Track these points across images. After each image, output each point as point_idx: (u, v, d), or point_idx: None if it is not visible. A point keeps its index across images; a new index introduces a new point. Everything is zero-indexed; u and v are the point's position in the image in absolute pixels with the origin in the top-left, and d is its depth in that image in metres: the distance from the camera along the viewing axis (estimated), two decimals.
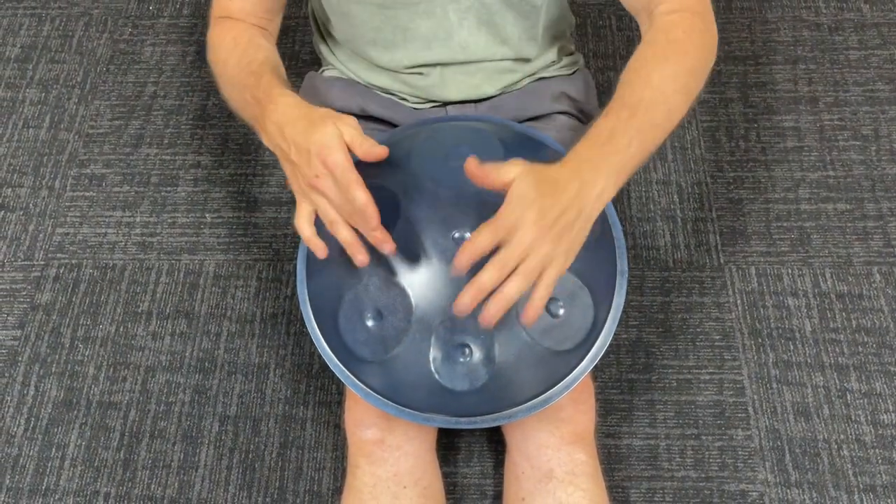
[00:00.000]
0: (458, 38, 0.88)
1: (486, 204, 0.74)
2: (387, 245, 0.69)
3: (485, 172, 0.61)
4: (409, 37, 0.88)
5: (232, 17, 0.88)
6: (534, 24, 0.91)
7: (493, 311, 0.60)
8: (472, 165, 0.62)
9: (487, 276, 0.60)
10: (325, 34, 0.98)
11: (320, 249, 0.73)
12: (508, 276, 0.60)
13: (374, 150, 0.70)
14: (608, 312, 0.76)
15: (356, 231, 0.71)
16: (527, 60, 0.94)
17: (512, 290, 0.60)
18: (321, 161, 0.68)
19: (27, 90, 1.38)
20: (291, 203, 1.25)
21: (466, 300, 0.60)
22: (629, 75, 0.72)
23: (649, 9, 0.78)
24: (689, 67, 0.74)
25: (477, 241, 0.60)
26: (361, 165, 0.84)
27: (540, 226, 0.60)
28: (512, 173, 0.61)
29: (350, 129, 0.70)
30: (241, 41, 0.84)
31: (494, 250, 0.61)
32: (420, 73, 0.91)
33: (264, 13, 0.89)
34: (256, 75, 0.77)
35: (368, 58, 0.92)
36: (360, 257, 0.70)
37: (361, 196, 0.66)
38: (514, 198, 0.60)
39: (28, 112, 1.36)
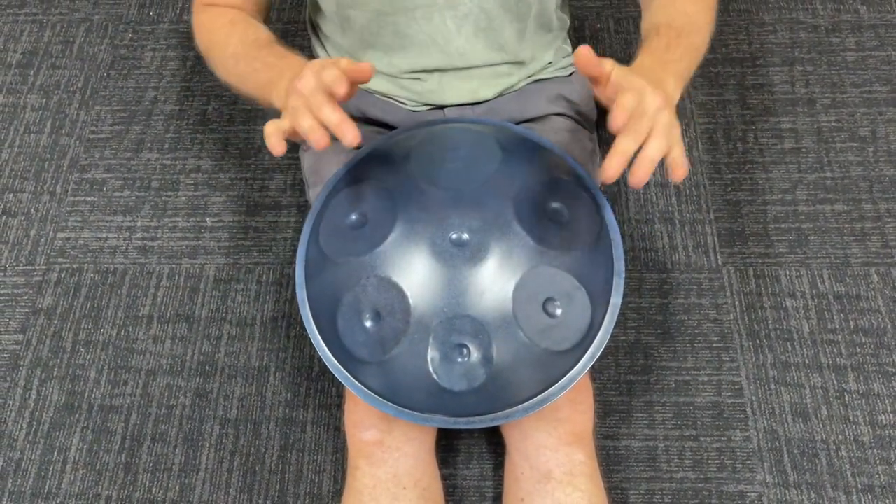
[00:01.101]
0: (455, 44, 0.88)
1: (484, 205, 0.75)
2: (349, 133, 0.63)
3: (594, 60, 0.64)
4: (406, 43, 0.89)
5: (218, 5, 0.88)
6: (531, 28, 0.91)
7: (640, 174, 0.62)
8: (584, 50, 0.63)
9: (628, 141, 0.62)
10: (323, 38, 0.99)
11: (277, 147, 0.67)
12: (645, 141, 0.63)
13: (360, 65, 0.66)
14: (605, 313, 0.77)
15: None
16: (524, 64, 0.94)
17: (654, 149, 0.62)
18: (306, 69, 0.67)
19: (28, 96, 1.39)
20: (291, 207, 1.26)
21: (614, 166, 0.61)
22: (664, 8, 0.79)
23: None
24: (712, 4, 0.82)
25: (624, 102, 0.62)
26: (360, 167, 0.85)
27: (659, 95, 0.64)
28: (609, 65, 0.65)
29: (334, 68, 0.66)
30: (238, 22, 0.86)
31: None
32: (418, 79, 0.92)
33: (252, 5, 0.89)
34: (267, 47, 0.81)
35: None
36: (350, 135, 0.63)
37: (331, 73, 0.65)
38: (627, 77, 0.64)
39: (29, 117, 1.37)
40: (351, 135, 0.63)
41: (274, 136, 0.66)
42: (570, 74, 1.00)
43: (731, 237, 1.20)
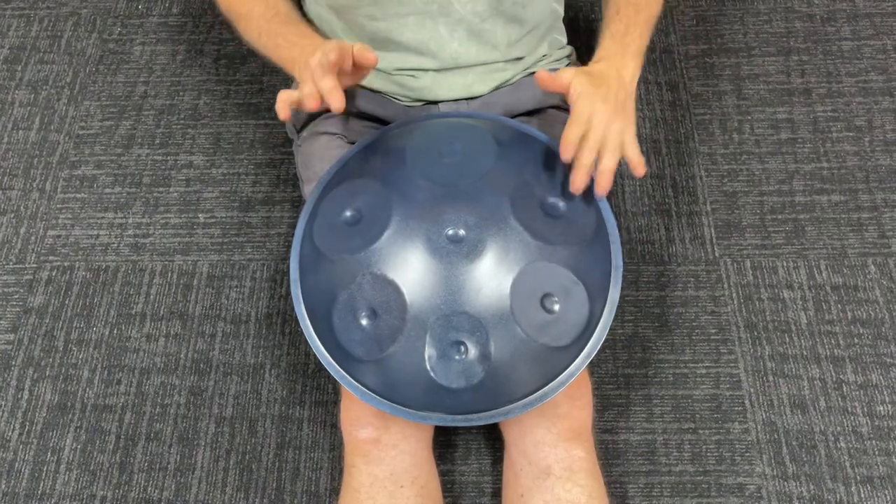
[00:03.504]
0: (448, 49, 0.88)
1: (480, 201, 0.74)
2: (335, 99, 0.69)
3: (551, 79, 0.74)
4: (400, 47, 0.88)
5: None
6: (524, 27, 0.91)
7: (603, 184, 0.75)
8: (542, 73, 0.74)
9: (585, 157, 0.73)
10: (316, 29, 0.97)
11: (283, 111, 0.72)
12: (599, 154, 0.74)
13: (367, 52, 0.73)
14: (603, 307, 0.76)
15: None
16: (518, 59, 0.94)
17: (609, 160, 0.74)
18: (321, 49, 0.73)
19: (16, 91, 1.37)
20: (285, 202, 1.24)
21: (579, 179, 0.74)
22: None
23: None
24: None
25: (569, 136, 0.72)
26: (355, 162, 0.84)
27: (607, 107, 0.74)
28: (568, 76, 0.74)
29: (339, 49, 0.73)
30: None
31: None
32: (412, 76, 0.91)
33: None
34: (290, 24, 0.85)
35: None
36: (336, 101, 0.69)
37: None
38: (580, 95, 0.73)
39: (17, 113, 1.35)
40: (336, 101, 0.69)
41: (282, 102, 0.72)
42: (565, 66, 0.99)
43: (727, 229, 1.20)
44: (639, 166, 0.75)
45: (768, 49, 1.36)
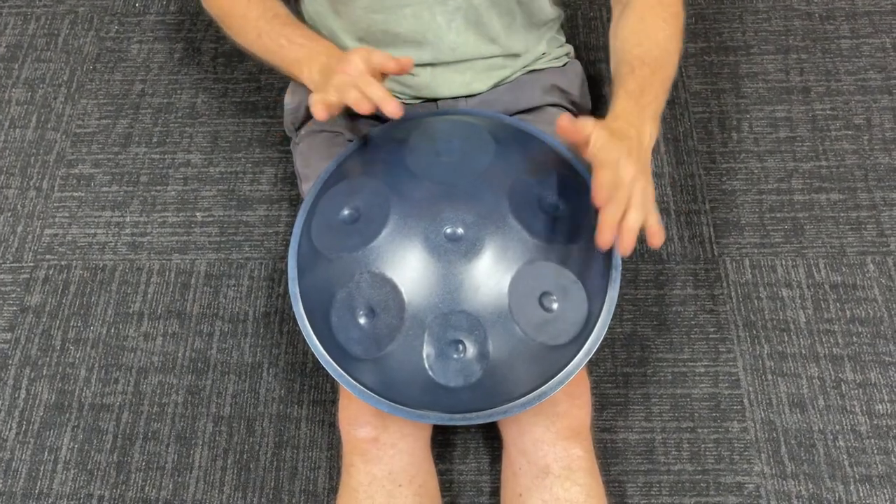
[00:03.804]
0: (447, 40, 0.88)
1: (479, 199, 0.74)
2: (391, 104, 0.71)
3: (574, 128, 0.69)
4: (398, 39, 0.88)
5: None
6: (521, 21, 0.90)
7: (627, 244, 0.68)
8: (565, 121, 0.69)
9: (614, 212, 0.67)
10: (313, 28, 0.97)
11: (322, 112, 0.74)
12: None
13: (403, 60, 0.75)
14: (602, 306, 0.76)
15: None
16: (517, 56, 0.93)
17: (634, 220, 0.68)
18: (352, 54, 0.75)
19: (13, 90, 1.37)
20: (283, 201, 1.24)
21: (607, 237, 0.67)
22: (637, 36, 0.82)
23: None
24: (681, 28, 0.85)
25: (602, 180, 0.67)
26: (353, 160, 0.83)
27: (632, 163, 0.69)
28: (589, 127, 0.69)
29: (380, 52, 0.75)
30: None
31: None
32: (410, 73, 0.91)
33: None
34: (292, 25, 0.86)
35: None
36: (392, 106, 0.71)
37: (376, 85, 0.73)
38: (603, 147, 0.68)
39: (14, 112, 1.34)
40: (392, 106, 0.71)
41: (319, 105, 0.74)
42: (565, 65, 0.99)
43: (726, 227, 1.20)
44: (657, 235, 0.69)
45: (767, 47, 1.36)
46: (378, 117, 0.95)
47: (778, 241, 1.18)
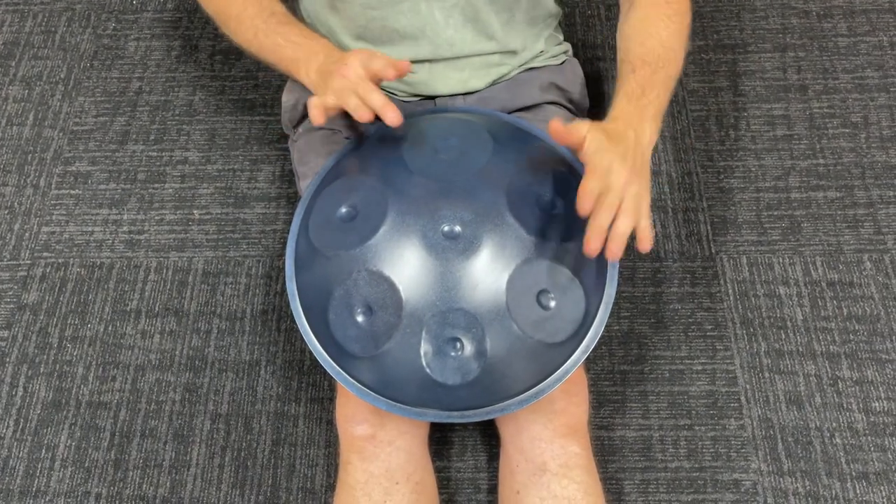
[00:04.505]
0: (444, 35, 0.88)
1: (476, 197, 0.74)
2: (391, 113, 0.72)
3: (566, 131, 0.69)
4: (395, 35, 0.88)
5: None
6: (519, 17, 0.90)
7: (615, 249, 0.68)
8: (556, 125, 0.69)
9: (603, 218, 0.67)
10: (311, 27, 0.97)
11: (319, 117, 0.74)
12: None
13: (401, 64, 0.74)
14: (599, 303, 0.76)
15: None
16: (514, 53, 0.93)
17: (623, 225, 0.68)
18: (351, 57, 0.75)
19: (10, 87, 1.36)
20: (280, 198, 1.24)
21: (594, 243, 0.67)
22: (640, 35, 0.82)
23: None
24: (687, 25, 0.85)
25: (587, 187, 0.67)
26: (350, 158, 0.83)
27: (625, 167, 0.69)
28: (583, 130, 0.68)
29: (380, 56, 0.75)
30: None
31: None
32: (410, 71, 0.91)
33: None
34: (289, 24, 0.85)
35: None
36: (392, 115, 0.72)
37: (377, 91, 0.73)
38: (596, 151, 0.68)
39: (11, 109, 1.34)
40: (392, 114, 0.71)
41: (317, 109, 0.74)
42: (563, 63, 0.99)
43: (723, 225, 1.20)
44: (646, 240, 0.69)
45: (765, 45, 1.36)
46: (376, 116, 0.95)
47: (775, 239, 1.18)
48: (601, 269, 0.77)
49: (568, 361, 0.75)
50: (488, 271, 0.71)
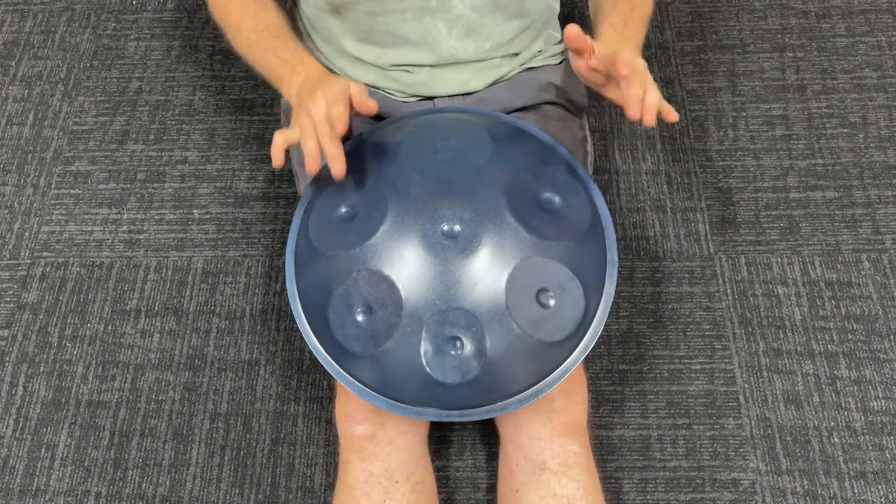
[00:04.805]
0: (446, 45, 0.88)
1: (475, 196, 0.74)
2: (337, 166, 0.71)
3: (583, 36, 0.73)
4: (398, 41, 0.88)
5: None
6: (522, 22, 0.91)
7: (649, 117, 0.71)
8: (573, 30, 0.72)
9: (637, 89, 0.71)
10: (311, 30, 0.97)
11: (278, 158, 0.73)
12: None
13: (368, 102, 0.74)
14: (599, 302, 0.76)
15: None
16: (515, 55, 0.93)
17: (654, 96, 0.71)
18: (319, 93, 0.74)
19: (10, 87, 1.37)
20: (280, 198, 1.24)
21: (635, 109, 0.71)
22: None
23: None
24: None
25: (623, 59, 0.71)
26: (350, 158, 0.83)
27: (640, 57, 0.74)
28: (591, 41, 0.74)
29: (358, 86, 0.74)
30: (249, 4, 0.88)
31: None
32: (407, 71, 0.91)
33: None
34: (281, 39, 0.85)
35: (355, 55, 0.91)
36: (338, 168, 0.71)
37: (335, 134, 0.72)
38: (616, 50, 0.73)
39: (11, 109, 1.34)
40: (337, 168, 0.71)
41: (278, 149, 0.73)
42: (561, 62, 0.99)
43: (722, 225, 1.20)
44: (672, 111, 0.74)
45: (763, 45, 1.36)
46: (375, 116, 0.95)
47: (773, 239, 1.18)
48: (600, 268, 0.77)
49: (567, 360, 0.76)
50: (488, 270, 0.71)
